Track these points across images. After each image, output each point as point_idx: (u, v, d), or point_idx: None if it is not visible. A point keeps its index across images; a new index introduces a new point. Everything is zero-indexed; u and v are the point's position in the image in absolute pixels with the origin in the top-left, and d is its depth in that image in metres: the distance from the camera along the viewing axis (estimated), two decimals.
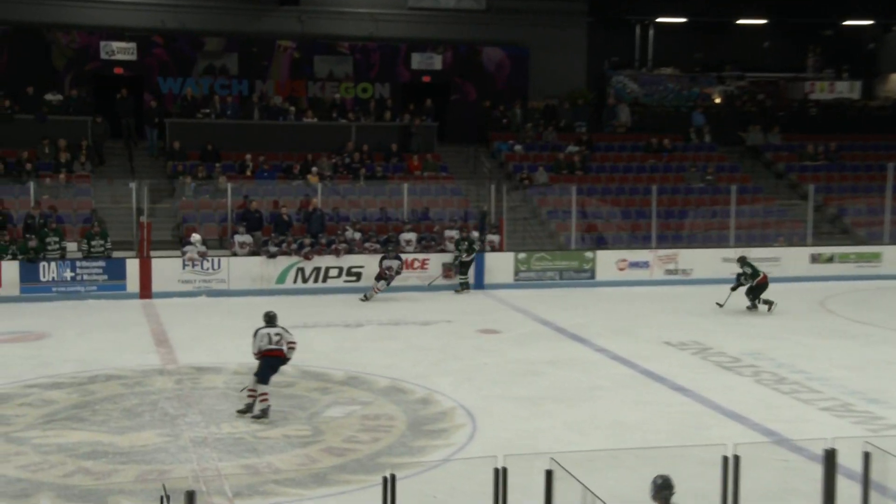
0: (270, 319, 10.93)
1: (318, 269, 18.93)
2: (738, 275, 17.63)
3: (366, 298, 17.75)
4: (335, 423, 10.39)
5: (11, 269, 17.31)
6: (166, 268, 18.07)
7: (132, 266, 17.93)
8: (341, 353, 13.73)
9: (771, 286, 17.97)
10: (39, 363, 12.80)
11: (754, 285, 17.40)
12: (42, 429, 10.01)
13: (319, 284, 18.85)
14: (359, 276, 19.08)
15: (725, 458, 6.56)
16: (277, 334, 10.83)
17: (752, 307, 17.31)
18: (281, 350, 10.78)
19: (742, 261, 17.77)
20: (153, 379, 12.17)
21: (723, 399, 11.46)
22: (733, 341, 14.84)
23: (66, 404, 10.97)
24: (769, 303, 17.31)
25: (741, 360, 13.56)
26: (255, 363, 10.66)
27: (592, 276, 20.53)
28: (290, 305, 17.61)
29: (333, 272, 18.99)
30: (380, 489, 6.05)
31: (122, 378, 12.12)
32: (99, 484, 8.46)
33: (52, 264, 17.54)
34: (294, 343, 10.92)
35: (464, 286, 19.05)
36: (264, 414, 10.47)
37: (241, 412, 10.52)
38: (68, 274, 17.62)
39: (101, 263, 17.84)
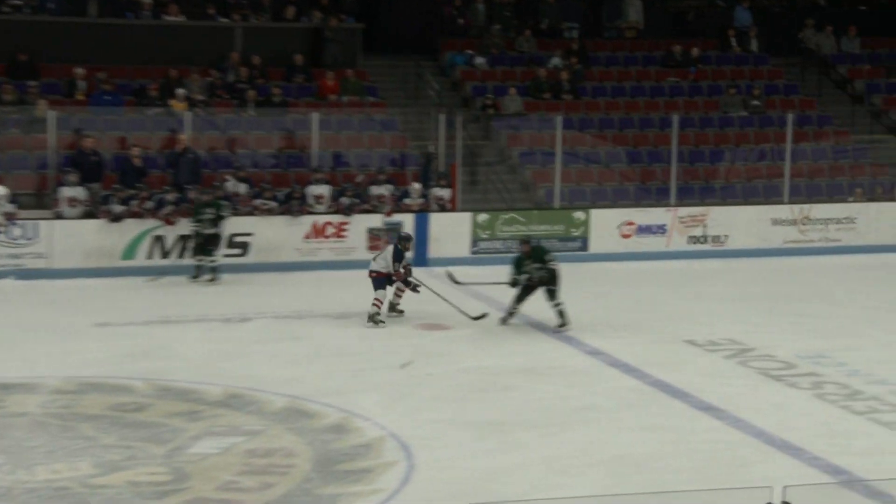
0: None
1: (185, 239, 18.71)
2: (520, 275, 15.35)
3: (377, 321, 15.56)
4: (207, 462, 10.28)
5: None
6: None
7: None
8: (218, 361, 13.63)
9: (843, 259, 18.27)
10: None
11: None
12: None
13: (187, 260, 18.63)
14: (245, 247, 18.93)
15: None
16: None
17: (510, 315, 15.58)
18: None
19: (528, 249, 15.66)
20: None
21: (770, 423, 11.53)
22: (786, 339, 14.96)
23: None
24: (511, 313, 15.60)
25: (797, 367, 13.66)
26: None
27: (584, 247, 20.60)
28: (143, 291, 17.44)
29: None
30: None
31: None
32: None
33: None
34: None
35: (201, 271, 18.16)
36: None
37: None
38: None
39: None
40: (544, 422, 11.54)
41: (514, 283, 15.43)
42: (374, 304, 15.58)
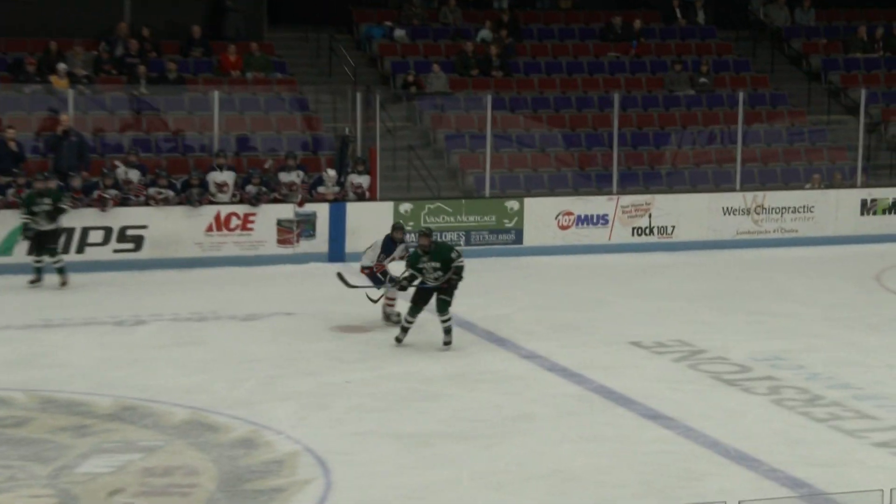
0: None
1: (68, 232, 18.56)
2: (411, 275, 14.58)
3: (395, 320, 15.37)
4: (97, 482, 10.17)
5: None
6: None
7: None
8: (109, 369, 13.53)
9: (801, 251, 18.39)
10: None
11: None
12: None
13: (72, 256, 18.50)
14: (139, 241, 18.78)
15: None
16: None
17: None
18: None
19: (428, 243, 14.55)
20: None
21: (723, 431, 11.63)
22: (740, 340, 15.13)
23: None
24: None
25: (752, 370, 13.82)
26: None
27: (518, 240, 20.68)
28: (23, 291, 17.25)
29: (96, 236, 18.78)
30: None
31: None
32: None
33: None
34: None
35: (41, 273, 17.53)
36: None
37: None
38: None
39: None
40: (476, 433, 11.55)
41: (402, 286, 14.78)
42: (387, 304, 15.44)
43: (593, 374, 13.51)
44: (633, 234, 21.10)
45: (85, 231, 18.63)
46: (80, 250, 18.57)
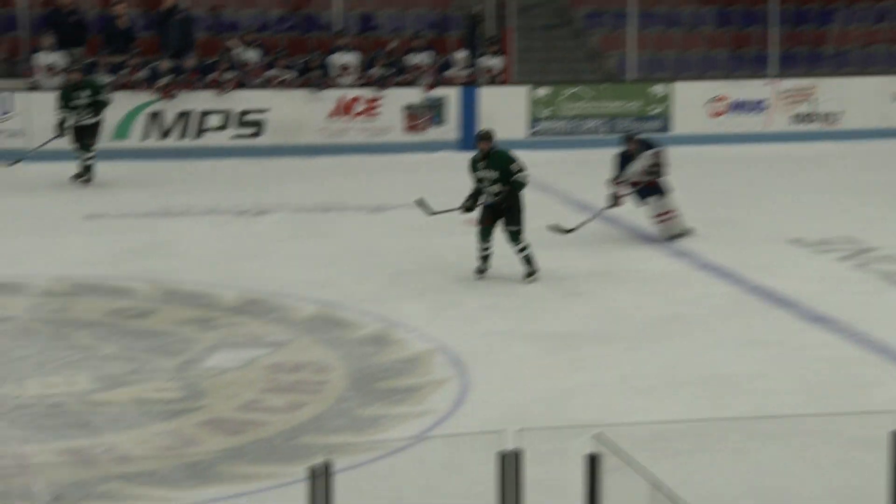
0: None
1: (185, 115, 19.03)
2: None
3: (682, 231, 15.04)
4: (224, 378, 10.43)
5: None
6: None
7: None
8: (232, 260, 13.82)
9: None
10: None
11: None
12: None
13: (190, 142, 18.93)
14: (259, 126, 19.02)
15: None
16: None
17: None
18: None
19: (487, 147, 13.26)
20: None
21: (895, 336, 11.55)
22: None
23: None
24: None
25: None
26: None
27: (665, 128, 20.56)
28: (140, 177, 17.69)
29: (214, 120, 19.12)
30: (303, 489, 6.10)
31: None
32: None
33: None
34: None
35: (86, 172, 17.38)
36: None
37: None
38: None
39: None
40: (622, 335, 11.60)
41: (467, 207, 13.32)
42: (661, 219, 14.88)
43: (750, 273, 13.46)
44: (792, 122, 20.89)
45: (203, 115, 18.93)
46: (198, 135, 18.88)
